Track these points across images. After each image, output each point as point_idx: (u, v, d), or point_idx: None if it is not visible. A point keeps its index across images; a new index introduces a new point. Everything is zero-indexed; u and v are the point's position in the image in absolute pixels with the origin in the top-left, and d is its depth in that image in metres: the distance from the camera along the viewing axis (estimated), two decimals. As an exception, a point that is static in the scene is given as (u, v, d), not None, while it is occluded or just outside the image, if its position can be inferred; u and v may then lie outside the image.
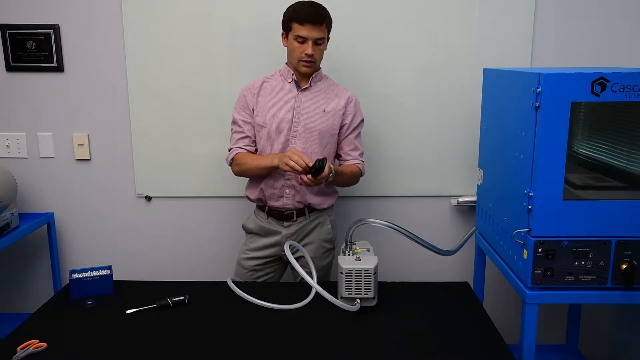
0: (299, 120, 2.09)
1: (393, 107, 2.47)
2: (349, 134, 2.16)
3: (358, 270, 1.78)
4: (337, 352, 1.59)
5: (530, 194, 1.67)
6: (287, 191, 2.12)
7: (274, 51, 2.36)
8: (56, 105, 2.51)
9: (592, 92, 1.58)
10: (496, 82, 2.01)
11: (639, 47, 2.39)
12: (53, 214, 2.57)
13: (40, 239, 2.62)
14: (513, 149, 1.79)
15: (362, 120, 2.20)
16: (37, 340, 1.62)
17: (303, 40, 2.01)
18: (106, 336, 1.68)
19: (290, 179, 2.10)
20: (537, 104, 1.61)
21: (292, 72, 2.12)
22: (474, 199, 2.43)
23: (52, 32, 2.42)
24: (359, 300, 1.79)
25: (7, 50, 2.44)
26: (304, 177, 1.92)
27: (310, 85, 2.12)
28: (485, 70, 2.13)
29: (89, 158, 2.56)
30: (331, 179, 1.97)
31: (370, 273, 1.78)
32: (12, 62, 2.46)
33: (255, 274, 2.19)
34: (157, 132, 2.51)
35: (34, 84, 2.49)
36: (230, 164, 2.18)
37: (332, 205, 2.26)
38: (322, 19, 2.00)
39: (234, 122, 2.17)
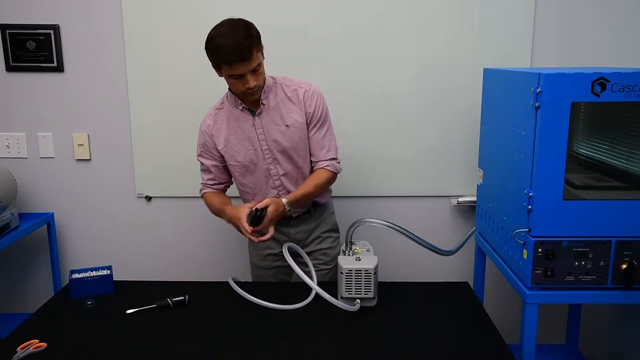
0: (268, 146, 2.00)
1: (393, 107, 2.47)
2: (314, 134, 2.03)
3: (358, 270, 1.78)
4: (337, 352, 1.59)
5: (530, 194, 1.67)
6: (292, 211, 2.09)
7: (274, 51, 2.36)
8: (56, 105, 2.51)
9: (592, 92, 1.58)
10: (496, 82, 2.01)
11: (639, 47, 2.39)
12: (53, 214, 2.57)
13: (40, 239, 2.62)
14: (513, 149, 1.79)
15: (326, 113, 2.04)
16: (37, 340, 1.62)
17: (239, 76, 1.83)
18: (106, 336, 1.68)
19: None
20: (537, 104, 1.61)
21: (240, 102, 1.98)
22: (474, 199, 2.43)
23: (52, 32, 2.42)
24: (359, 300, 1.79)
25: (7, 50, 2.44)
26: (247, 235, 1.88)
27: (263, 104, 1.98)
28: (485, 70, 2.12)
29: (89, 158, 2.56)
30: (289, 213, 1.96)
31: (370, 273, 1.78)
32: (12, 62, 2.46)
33: (283, 270, 2.17)
34: (157, 132, 2.51)
35: (34, 84, 2.49)
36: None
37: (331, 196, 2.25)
38: (248, 52, 1.78)
39: (199, 160, 2.12)
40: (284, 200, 1.94)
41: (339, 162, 2.08)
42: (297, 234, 2.14)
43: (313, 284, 1.84)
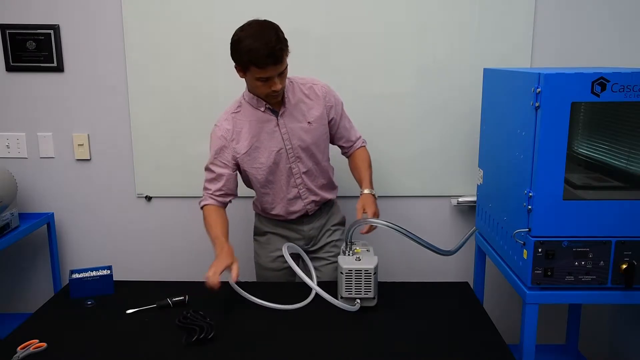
0: (292, 145, 2.00)
1: (393, 107, 2.47)
2: (341, 123, 2.12)
3: (358, 270, 1.78)
4: (337, 352, 1.59)
5: (530, 194, 1.67)
6: (309, 207, 2.12)
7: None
8: (56, 105, 2.51)
9: (592, 92, 1.58)
10: (496, 82, 2.01)
11: (639, 47, 2.39)
12: (53, 214, 2.57)
13: (40, 239, 2.62)
14: (513, 149, 1.79)
15: (341, 102, 2.12)
16: (37, 340, 1.62)
17: (266, 78, 1.83)
18: (106, 336, 1.68)
19: (307, 197, 2.09)
20: (537, 104, 1.61)
21: (264, 102, 1.97)
22: (474, 199, 2.43)
23: (52, 32, 2.42)
24: (359, 300, 1.79)
25: (7, 50, 2.44)
26: (209, 276, 1.73)
27: (285, 104, 1.98)
28: (485, 70, 2.12)
29: (89, 158, 2.56)
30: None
31: (370, 273, 1.78)
32: (12, 62, 2.46)
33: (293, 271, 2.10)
34: (157, 132, 2.51)
35: (34, 84, 2.49)
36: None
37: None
38: (281, 56, 1.79)
39: (209, 169, 2.03)
40: (366, 191, 2.05)
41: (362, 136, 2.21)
42: (310, 231, 2.15)
43: (313, 284, 1.84)
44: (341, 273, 1.78)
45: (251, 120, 1.99)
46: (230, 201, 2.09)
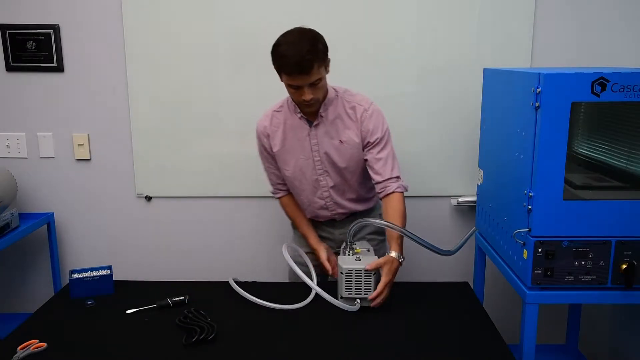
0: (320, 158, 1.99)
1: (393, 107, 2.45)
2: (374, 153, 1.97)
3: (358, 270, 1.78)
4: (337, 352, 1.59)
5: (530, 194, 1.67)
6: (336, 216, 2.12)
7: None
8: (56, 105, 2.51)
9: (592, 92, 1.58)
10: (496, 82, 2.01)
11: (639, 47, 2.39)
12: (53, 214, 2.57)
13: (40, 239, 2.62)
14: (513, 149, 1.79)
15: (385, 132, 1.98)
16: (37, 340, 1.62)
17: (297, 87, 1.82)
18: (106, 336, 1.68)
19: (335, 209, 2.09)
20: (537, 104, 1.61)
21: (299, 110, 1.96)
22: (474, 199, 2.43)
23: (52, 32, 2.42)
24: (359, 300, 1.79)
25: (7, 50, 2.44)
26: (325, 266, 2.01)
27: (322, 117, 1.96)
28: (485, 70, 2.12)
29: (89, 158, 2.56)
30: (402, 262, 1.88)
31: (370, 273, 1.78)
32: (12, 62, 2.46)
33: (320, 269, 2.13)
34: (157, 132, 2.51)
35: (34, 84, 2.49)
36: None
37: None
38: (309, 67, 1.75)
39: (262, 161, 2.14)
40: (393, 254, 1.84)
41: (403, 181, 2.01)
42: (342, 235, 2.12)
43: (313, 284, 1.84)
44: (341, 273, 1.78)
45: (287, 122, 2.00)
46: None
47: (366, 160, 1.99)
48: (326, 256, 2.05)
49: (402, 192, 1.99)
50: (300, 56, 1.74)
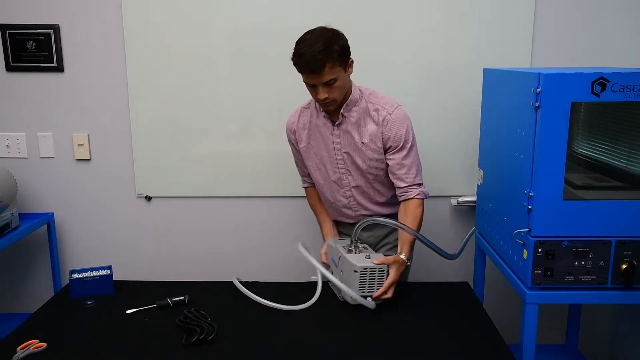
0: (343, 157, 2.00)
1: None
2: (396, 157, 1.94)
3: (372, 269, 1.78)
4: (337, 352, 1.59)
5: (530, 194, 1.67)
6: (360, 218, 2.08)
7: (275, 51, 2.36)
8: (56, 105, 2.51)
9: (592, 92, 1.58)
10: (496, 82, 2.01)
11: (639, 47, 2.39)
12: (53, 214, 2.57)
13: (40, 239, 2.62)
14: (513, 149, 1.79)
15: (408, 137, 1.94)
16: (37, 340, 1.62)
17: (313, 85, 1.84)
18: (106, 336, 1.68)
19: (358, 210, 2.09)
20: (537, 104, 1.61)
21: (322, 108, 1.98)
22: (474, 199, 2.43)
23: (52, 32, 2.42)
24: (370, 298, 1.79)
25: (7, 50, 2.44)
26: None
27: (344, 117, 1.96)
28: (485, 70, 2.12)
29: (89, 158, 2.56)
30: (410, 263, 1.95)
31: (383, 271, 1.79)
32: (12, 62, 2.46)
33: None
34: (157, 132, 2.51)
35: (34, 84, 2.49)
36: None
37: None
38: (320, 66, 1.76)
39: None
40: (402, 256, 1.86)
41: (425, 187, 1.99)
42: (369, 238, 2.12)
43: (335, 279, 1.84)
44: (355, 271, 1.78)
45: (312, 120, 2.03)
46: None
47: (388, 164, 1.97)
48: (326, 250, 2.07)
49: (422, 199, 1.97)
50: (311, 55, 1.76)
